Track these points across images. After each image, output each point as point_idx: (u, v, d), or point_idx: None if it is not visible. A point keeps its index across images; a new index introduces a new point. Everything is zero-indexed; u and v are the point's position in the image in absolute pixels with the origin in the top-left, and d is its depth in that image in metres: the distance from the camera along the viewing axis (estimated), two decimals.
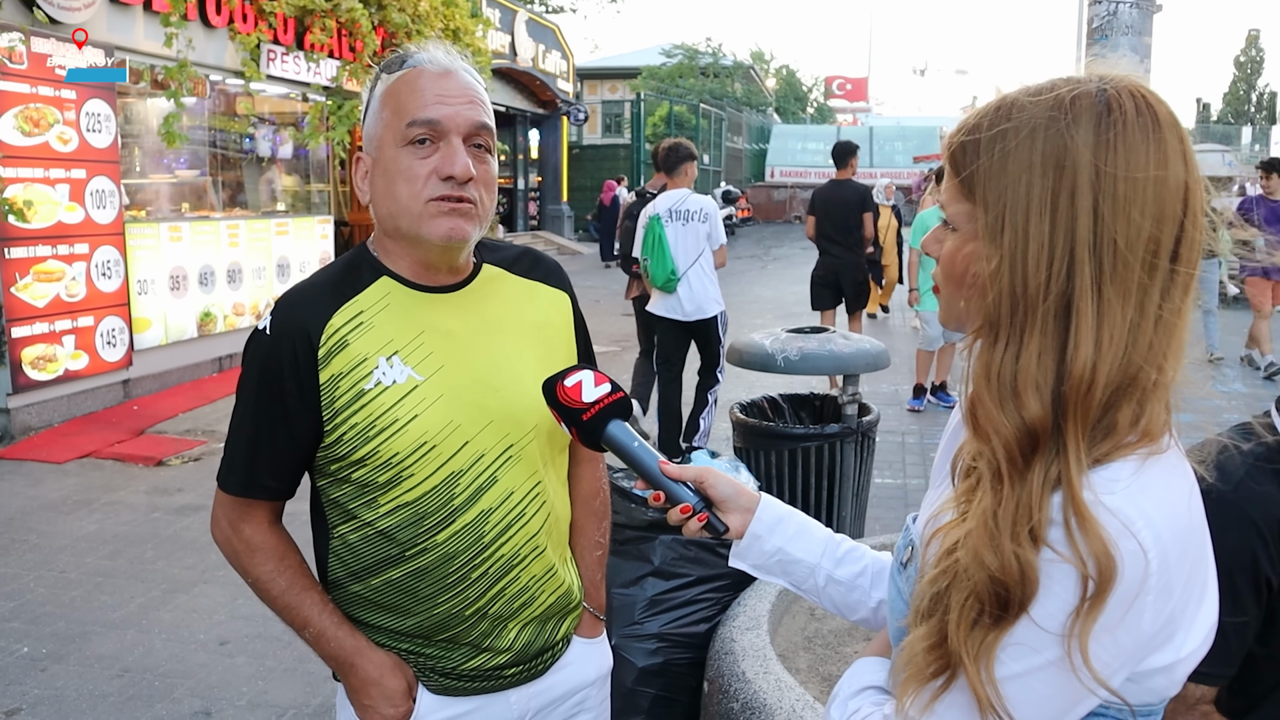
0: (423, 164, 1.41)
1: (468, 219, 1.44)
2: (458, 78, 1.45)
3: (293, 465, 1.50)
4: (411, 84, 1.44)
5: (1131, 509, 0.85)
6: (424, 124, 1.41)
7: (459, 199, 1.42)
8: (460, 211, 1.43)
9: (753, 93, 42.27)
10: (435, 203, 1.42)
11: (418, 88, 1.43)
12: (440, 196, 1.41)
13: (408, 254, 1.49)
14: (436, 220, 1.42)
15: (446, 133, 1.42)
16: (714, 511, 1.23)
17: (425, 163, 1.41)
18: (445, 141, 1.42)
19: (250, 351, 1.48)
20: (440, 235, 1.42)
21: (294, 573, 1.52)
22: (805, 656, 2.40)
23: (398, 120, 1.42)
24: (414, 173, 1.41)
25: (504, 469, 1.51)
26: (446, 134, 1.42)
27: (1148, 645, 0.88)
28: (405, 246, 1.49)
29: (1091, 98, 0.88)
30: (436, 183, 1.41)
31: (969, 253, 0.93)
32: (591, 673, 1.71)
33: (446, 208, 1.42)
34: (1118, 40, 2.56)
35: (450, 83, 1.44)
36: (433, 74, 1.44)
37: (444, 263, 1.51)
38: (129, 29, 7.95)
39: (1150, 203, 0.86)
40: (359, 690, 1.52)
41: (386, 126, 1.44)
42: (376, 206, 1.48)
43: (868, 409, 3.77)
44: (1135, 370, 0.87)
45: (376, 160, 1.46)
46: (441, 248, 1.45)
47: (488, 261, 1.60)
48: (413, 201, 1.42)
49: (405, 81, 1.44)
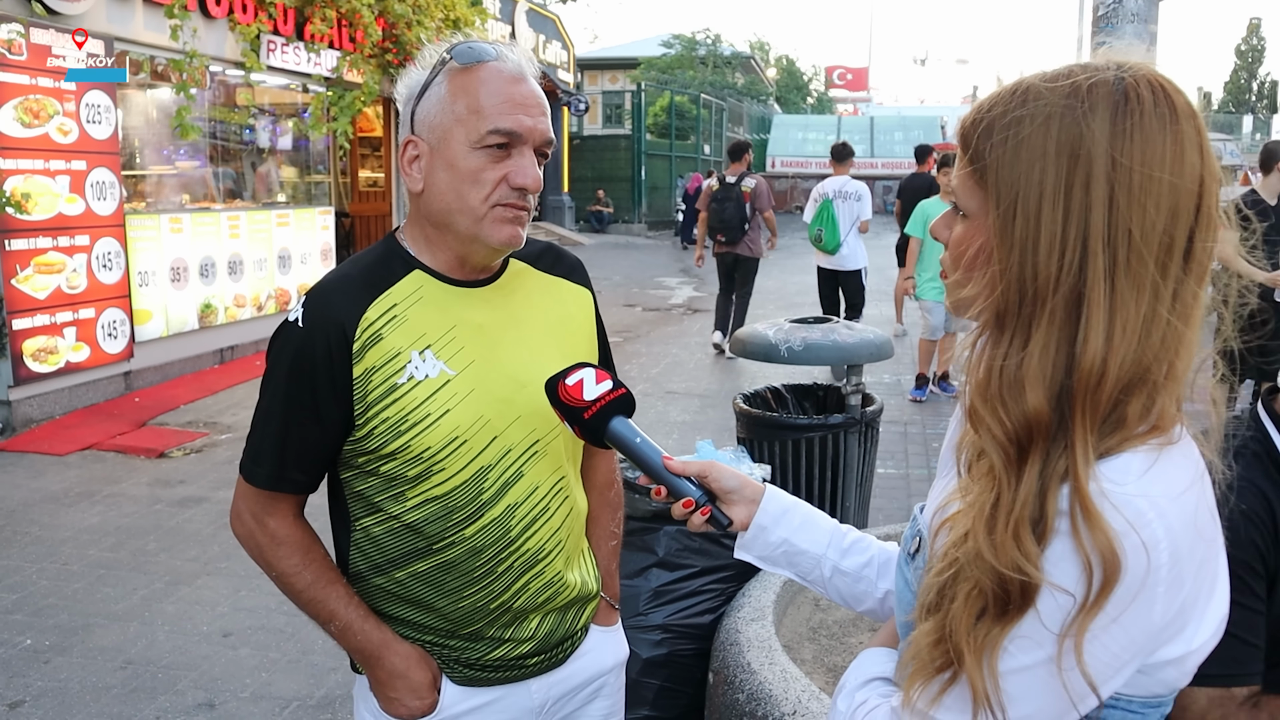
0: (495, 169, 1.41)
1: (523, 226, 1.46)
2: (529, 85, 1.44)
3: (321, 459, 1.49)
4: (489, 84, 1.41)
5: (1142, 500, 0.84)
6: (505, 133, 1.40)
7: (521, 207, 1.43)
8: (520, 220, 1.45)
9: (753, 83, 42.16)
10: (501, 208, 1.42)
11: (496, 90, 1.41)
12: (507, 204, 1.42)
13: (451, 248, 1.49)
14: (499, 226, 1.43)
15: (523, 143, 1.42)
16: (717, 505, 1.22)
17: (498, 168, 1.41)
18: (519, 151, 1.42)
19: (280, 343, 1.46)
20: (501, 240, 1.44)
21: (319, 566, 1.52)
22: (810, 647, 2.40)
23: (475, 120, 1.40)
24: (485, 176, 1.41)
25: (530, 464, 1.52)
26: (522, 144, 1.42)
27: (1158, 637, 0.87)
28: (451, 240, 1.48)
29: (1109, 86, 0.87)
30: (506, 189, 1.42)
31: (979, 241, 0.92)
32: (609, 660, 1.73)
33: (510, 214, 1.43)
34: (1124, 28, 2.54)
35: (525, 90, 1.43)
36: (509, 76, 1.42)
37: (486, 261, 1.51)
38: (128, 20, 7.92)
39: (1166, 194, 0.85)
40: (385, 683, 1.52)
41: (459, 121, 1.41)
42: (431, 198, 1.45)
43: (871, 399, 3.76)
44: (1147, 363, 0.86)
45: (438, 151, 1.43)
46: (495, 250, 1.47)
47: (513, 256, 1.60)
48: (479, 205, 1.42)
49: (481, 79, 1.41)
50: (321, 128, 10.39)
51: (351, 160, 15.77)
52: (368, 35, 10.23)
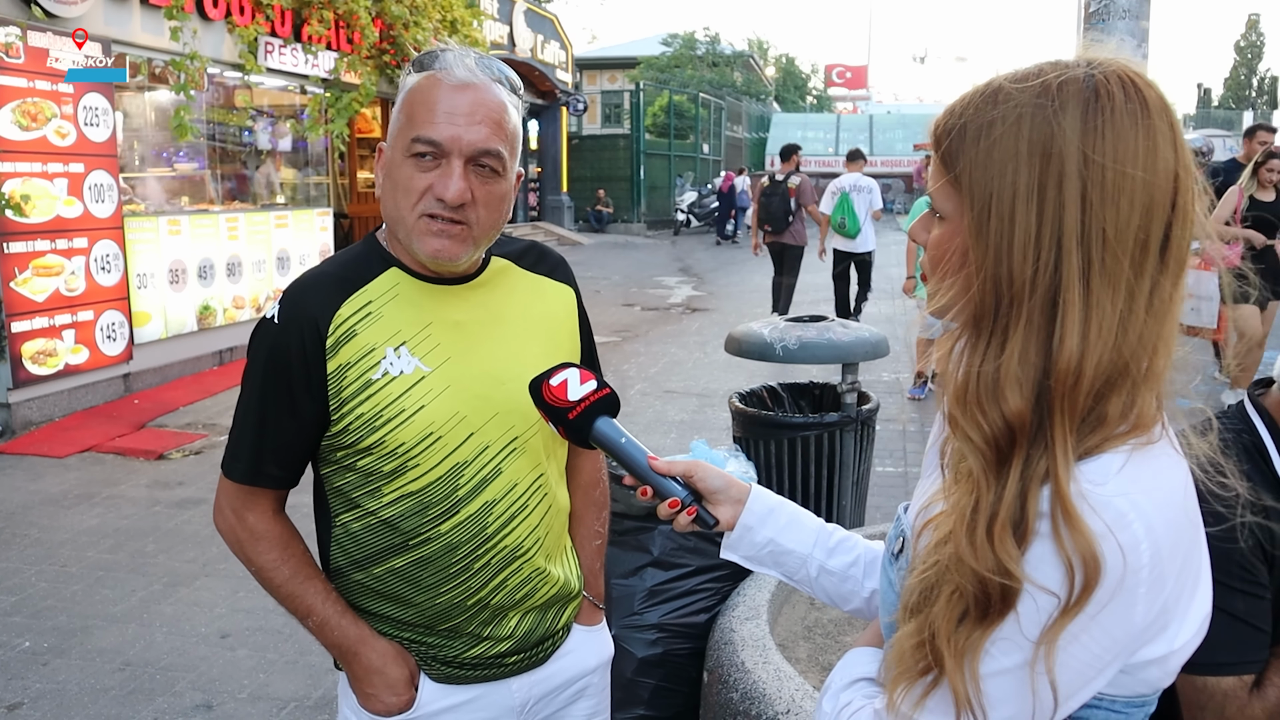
0: (422, 178, 1.40)
1: (458, 240, 1.43)
2: (476, 93, 1.41)
3: (298, 454, 1.50)
4: (426, 93, 1.41)
5: (1123, 500, 0.84)
6: (426, 142, 1.39)
7: (450, 219, 1.41)
8: (449, 233, 1.42)
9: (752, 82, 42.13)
10: (426, 219, 1.41)
11: (430, 100, 1.40)
12: (431, 214, 1.41)
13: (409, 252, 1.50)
14: (425, 238, 1.42)
15: (448, 154, 1.40)
16: (703, 505, 1.22)
17: (424, 177, 1.40)
18: (446, 161, 1.40)
19: (257, 340, 1.47)
20: (428, 253, 1.43)
21: (298, 561, 1.52)
22: (805, 646, 2.40)
23: (408, 128, 1.41)
24: (412, 185, 1.41)
25: (508, 461, 1.52)
26: (448, 155, 1.40)
27: (1140, 637, 0.87)
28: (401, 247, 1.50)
29: (1079, 83, 0.86)
30: (431, 200, 1.40)
31: (955, 242, 0.92)
32: (592, 660, 1.73)
33: (436, 227, 1.41)
34: (1115, 24, 2.54)
35: (465, 99, 1.40)
36: (450, 86, 1.40)
37: (435, 268, 1.50)
38: (125, 23, 7.93)
39: (1140, 190, 0.85)
40: (362, 678, 1.53)
41: (399, 131, 1.43)
42: (382, 203, 1.48)
43: (867, 397, 3.76)
44: (1125, 362, 0.86)
45: (388, 158, 1.45)
46: (431, 261, 1.46)
47: (496, 254, 1.60)
48: (407, 213, 1.42)
49: (422, 89, 1.42)
50: (318, 129, 10.38)
51: (350, 161, 15.78)
52: (365, 36, 10.22)
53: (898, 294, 12.52)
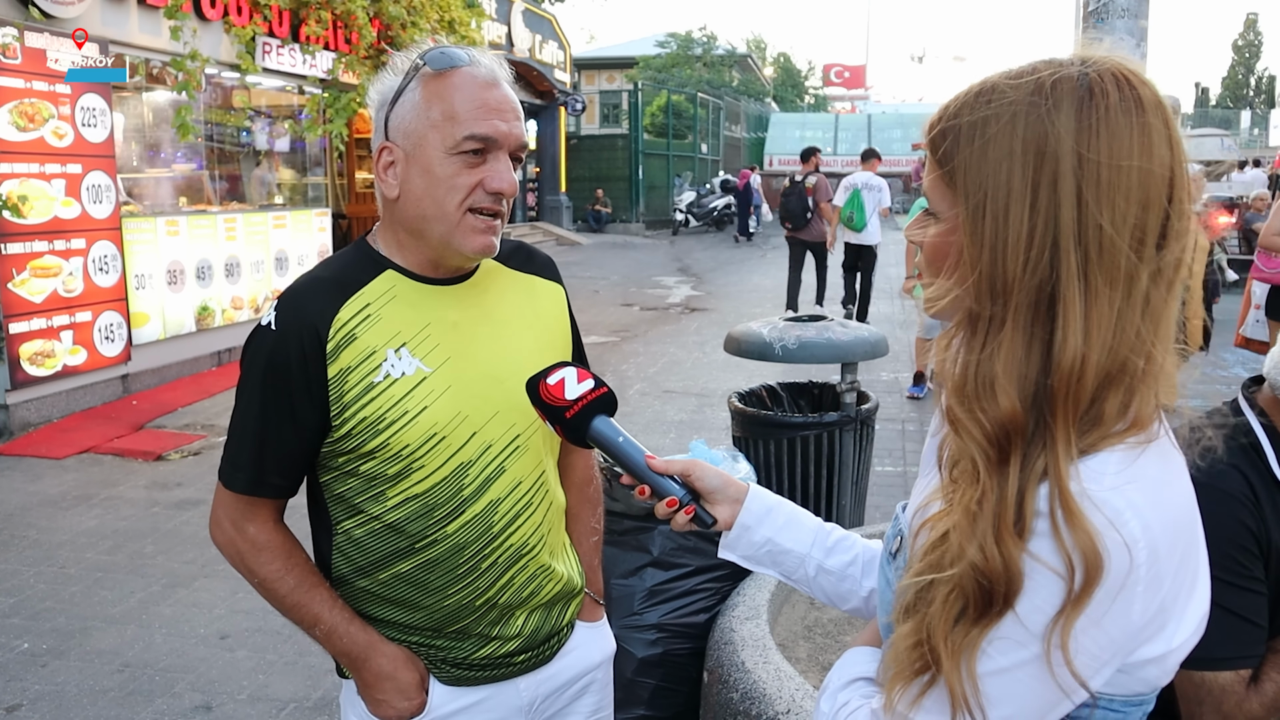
0: (470, 174, 1.41)
1: (497, 235, 1.46)
2: (502, 89, 1.45)
3: (299, 462, 1.49)
4: (463, 90, 1.41)
5: (1119, 500, 0.84)
6: (481, 139, 1.40)
7: (495, 214, 1.44)
8: (494, 229, 1.45)
9: (750, 81, 42.13)
10: (475, 215, 1.42)
11: (470, 96, 1.40)
12: (481, 209, 1.42)
13: (424, 253, 1.49)
14: (473, 235, 1.43)
15: (499, 149, 1.42)
16: (701, 504, 1.22)
17: (473, 173, 1.41)
18: (495, 156, 1.42)
19: (253, 347, 1.46)
20: (474, 249, 1.44)
21: (302, 570, 1.51)
22: (805, 646, 2.40)
23: (451, 126, 1.39)
24: (460, 182, 1.41)
25: (511, 459, 1.52)
26: (499, 149, 1.42)
27: (1138, 636, 0.87)
28: (424, 246, 1.48)
29: (1073, 81, 0.86)
30: (481, 194, 1.42)
31: (951, 242, 0.92)
32: (596, 656, 1.74)
33: (483, 225, 1.43)
34: (1114, 23, 2.53)
35: (499, 95, 1.43)
36: (482, 81, 1.42)
37: (459, 264, 1.51)
38: (123, 23, 7.92)
39: (1135, 188, 0.84)
40: (372, 685, 1.52)
41: (434, 127, 1.41)
42: (406, 204, 1.45)
43: (866, 397, 3.76)
44: (1123, 359, 0.86)
45: (413, 157, 1.42)
46: (468, 257, 1.47)
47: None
48: (454, 210, 1.41)
49: (454, 85, 1.41)
50: (316, 130, 10.38)
51: (348, 161, 15.78)
52: (363, 37, 10.22)
53: (898, 294, 12.54)
